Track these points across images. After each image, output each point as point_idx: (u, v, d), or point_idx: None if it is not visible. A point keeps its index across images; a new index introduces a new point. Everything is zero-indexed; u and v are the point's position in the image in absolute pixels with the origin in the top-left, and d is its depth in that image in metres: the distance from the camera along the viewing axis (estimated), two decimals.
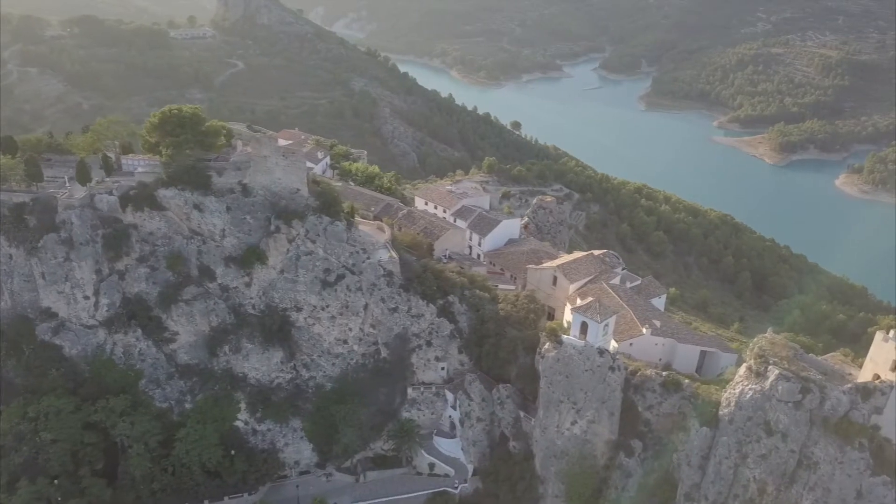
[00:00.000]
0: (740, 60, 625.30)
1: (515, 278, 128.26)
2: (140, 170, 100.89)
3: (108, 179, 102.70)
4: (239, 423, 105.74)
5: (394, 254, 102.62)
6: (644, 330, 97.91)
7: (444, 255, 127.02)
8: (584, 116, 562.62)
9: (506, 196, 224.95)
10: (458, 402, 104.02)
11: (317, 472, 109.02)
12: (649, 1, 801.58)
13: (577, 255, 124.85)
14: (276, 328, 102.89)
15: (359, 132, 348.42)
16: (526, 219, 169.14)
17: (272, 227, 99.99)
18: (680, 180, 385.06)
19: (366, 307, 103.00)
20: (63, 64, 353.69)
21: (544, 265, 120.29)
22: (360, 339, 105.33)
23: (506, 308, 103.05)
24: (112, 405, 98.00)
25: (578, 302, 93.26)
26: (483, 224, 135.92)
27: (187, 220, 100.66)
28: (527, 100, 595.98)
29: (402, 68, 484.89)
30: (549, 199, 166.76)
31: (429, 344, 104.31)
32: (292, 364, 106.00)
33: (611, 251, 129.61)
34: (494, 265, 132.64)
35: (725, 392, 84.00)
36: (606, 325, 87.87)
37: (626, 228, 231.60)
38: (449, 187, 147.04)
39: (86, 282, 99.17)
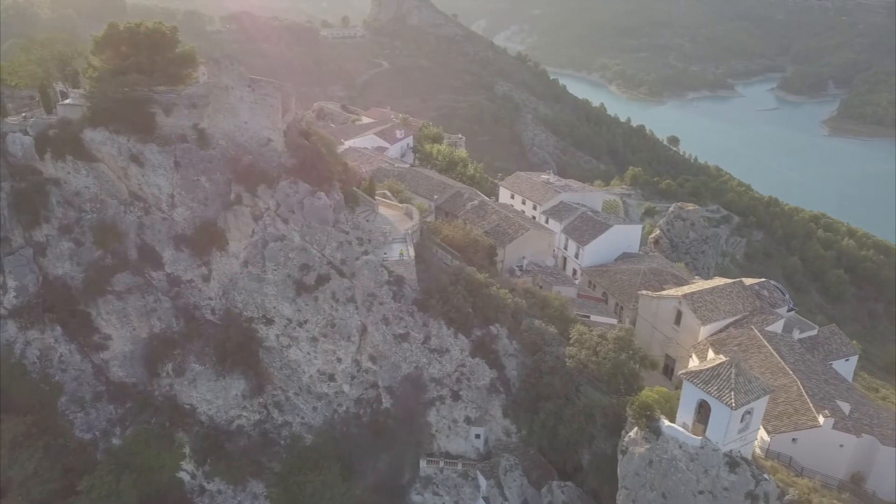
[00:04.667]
0: None
1: (622, 309, 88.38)
2: (66, 101, 71.15)
3: (43, 117, 74.21)
4: (184, 475, 73.42)
5: (409, 251, 65.61)
6: (821, 419, 55.59)
7: (519, 266, 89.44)
8: (755, 139, 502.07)
9: (649, 212, 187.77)
10: (490, 493, 65.28)
11: None
12: (843, 18, 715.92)
13: (718, 282, 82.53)
14: (233, 346, 69.16)
15: (496, 137, 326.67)
16: (658, 230, 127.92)
17: (232, 196, 66.76)
18: (869, 213, 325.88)
19: (363, 330, 66.84)
20: (213, 56, 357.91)
21: (664, 293, 79.68)
22: (353, 378, 68.86)
23: (578, 354, 62.59)
24: None
25: (693, 361, 52.28)
26: (585, 228, 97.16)
27: (125, 178, 69.80)
28: (690, 118, 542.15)
29: (560, 82, 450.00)
30: (690, 206, 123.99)
31: (456, 397, 66.20)
32: (260, 401, 71.90)
33: (771, 281, 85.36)
34: (593, 287, 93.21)
35: None
36: (748, 412, 46.20)
37: (795, 262, 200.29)
38: (545, 177, 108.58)
39: None
